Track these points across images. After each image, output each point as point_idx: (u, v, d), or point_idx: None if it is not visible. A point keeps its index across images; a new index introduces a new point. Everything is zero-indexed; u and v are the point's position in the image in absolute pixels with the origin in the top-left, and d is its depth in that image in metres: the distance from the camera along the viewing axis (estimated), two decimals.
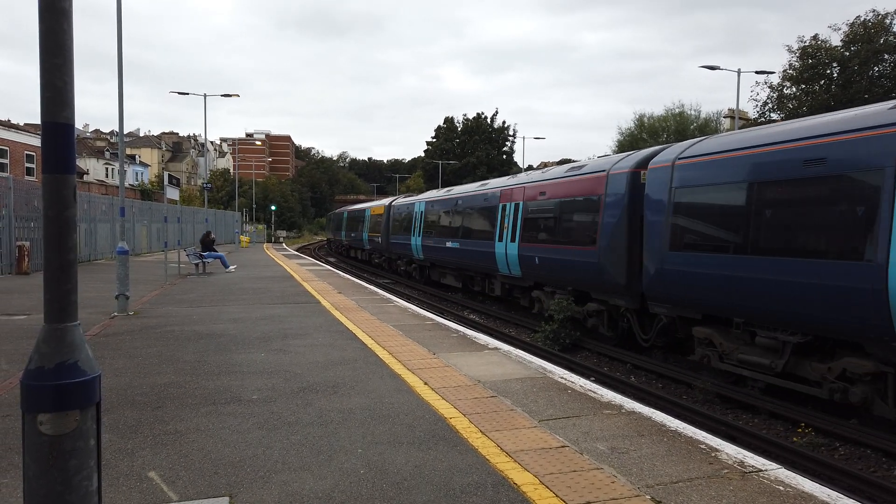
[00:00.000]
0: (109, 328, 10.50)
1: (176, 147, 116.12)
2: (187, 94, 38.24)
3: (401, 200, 32.62)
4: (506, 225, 17.97)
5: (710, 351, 10.61)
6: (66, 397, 2.22)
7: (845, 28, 36.92)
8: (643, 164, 12.36)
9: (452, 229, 22.80)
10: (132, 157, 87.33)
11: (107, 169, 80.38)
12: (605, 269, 12.93)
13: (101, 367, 7.82)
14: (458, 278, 23.50)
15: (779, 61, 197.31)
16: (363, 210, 41.35)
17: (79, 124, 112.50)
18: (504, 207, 18.38)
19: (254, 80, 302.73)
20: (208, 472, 4.39)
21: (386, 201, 35.58)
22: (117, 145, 14.58)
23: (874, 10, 36.23)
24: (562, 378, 7.33)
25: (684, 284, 10.64)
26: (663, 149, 12.35)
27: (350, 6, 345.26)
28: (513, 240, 17.35)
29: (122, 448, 4.85)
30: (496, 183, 20.73)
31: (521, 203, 17.26)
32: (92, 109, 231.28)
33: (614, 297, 13.07)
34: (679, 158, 11.15)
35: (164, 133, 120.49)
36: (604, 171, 13.44)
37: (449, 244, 22.93)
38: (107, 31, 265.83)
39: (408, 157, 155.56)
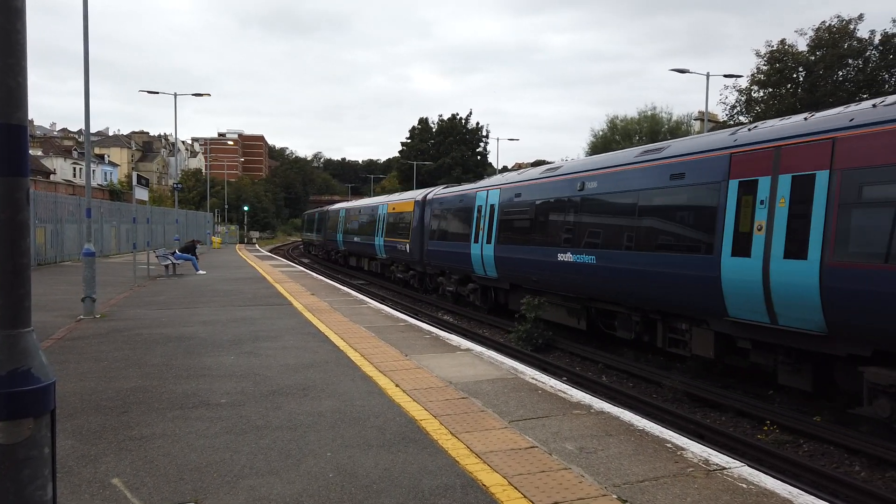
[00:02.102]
0: (75, 331, 10.30)
1: (146, 147, 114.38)
2: (157, 92, 37.60)
3: (444, 191, 22.72)
4: (756, 223, 9.09)
5: None
6: (19, 405, 2.17)
7: (811, 33, 37.79)
8: None
9: (572, 232, 13.46)
10: (101, 157, 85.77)
11: (74, 169, 78.82)
12: None
13: (65, 371, 7.68)
14: (579, 314, 14.07)
15: (740, 63, 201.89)
16: (374, 206, 30.87)
17: (45, 123, 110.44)
18: (746, 188, 9.36)
19: (221, 79, 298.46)
20: (173, 478, 4.32)
21: (416, 194, 25.98)
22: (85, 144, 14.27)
23: (839, 16, 37.15)
24: (533, 379, 7.38)
25: None
26: None
27: (314, 5, 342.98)
28: (799, 254, 8.40)
29: (85, 454, 4.75)
30: (705, 142, 10.61)
31: (825, 173, 8.20)
32: (54, 108, 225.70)
33: None
34: None
35: (134, 132, 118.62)
36: None
37: (565, 257, 13.47)
38: (65, 27, 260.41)
39: (382, 158, 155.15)
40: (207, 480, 4.29)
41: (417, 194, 25.50)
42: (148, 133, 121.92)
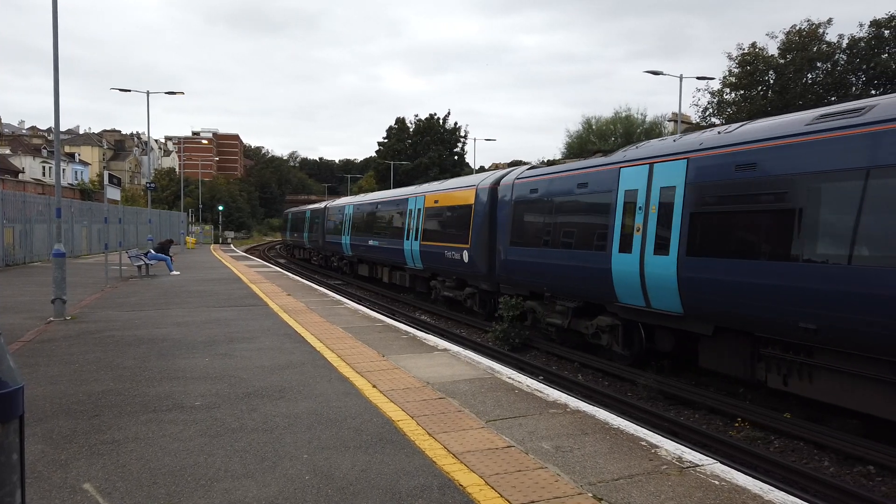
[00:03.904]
0: (45, 334, 10.10)
1: (118, 145, 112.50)
2: (129, 90, 37.01)
3: (538, 173, 14.76)
4: None
5: None
6: None
7: (782, 36, 38.49)
8: None
9: None
10: (71, 156, 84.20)
11: (44, 167, 77.33)
12: None
13: (35, 374, 7.53)
14: None
15: (707, 65, 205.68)
16: (401, 200, 23.55)
17: (13, 121, 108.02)
18: None
19: (189, 76, 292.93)
20: (147, 482, 4.26)
21: (478, 179, 18.20)
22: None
23: (808, 20, 37.90)
24: (509, 378, 7.41)
25: None
26: None
27: (282, 3, 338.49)
28: None
29: (55, 459, 4.67)
30: None
31: None
32: (15, 103, 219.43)
33: None
34: None
35: (105, 131, 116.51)
36: None
37: None
38: (25, 21, 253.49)
39: (358, 157, 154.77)
40: (181, 484, 4.24)
41: (482, 179, 17.76)
42: (120, 132, 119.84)
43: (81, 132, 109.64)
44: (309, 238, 40.78)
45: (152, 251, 24.38)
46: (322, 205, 38.63)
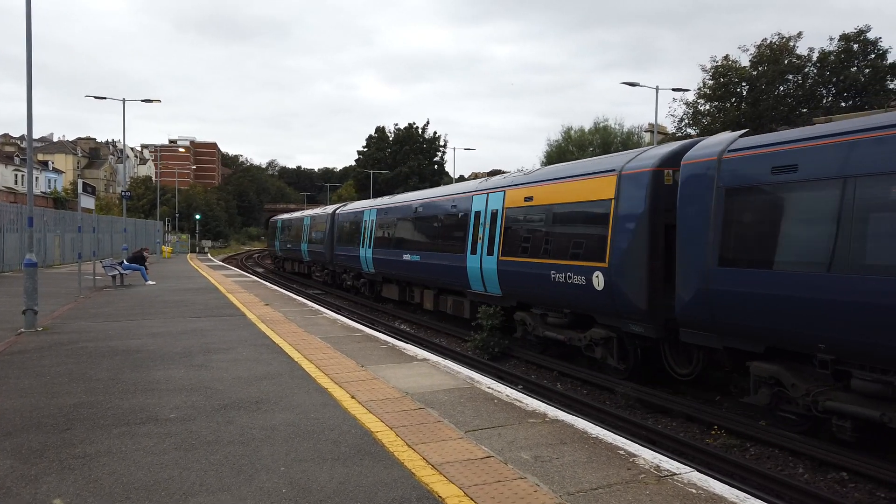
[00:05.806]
0: (15, 345, 9.89)
1: (93, 153, 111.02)
2: (104, 98, 36.56)
3: (773, 139, 8.41)
4: None
5: None
6: None
7: (753, 49, 39.25)
8: None
9: None
10: (44, 164, 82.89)
11: (16, 175, 76.11)
12: None
13: (4, 387, 7.41)
14: None
15: (676, 76, 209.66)
16: (455, 200, 17.58)
17: None
18: None
19: (161, 84, 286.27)
20: (119, 498, 4.18)
21: (622, 162, 11.22)
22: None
23: (779, 34, 38.71)
24: (489, 388, 7.41)
25: None
26: None
27: (252, 10, 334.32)
28: None
29: (25, 474, 4.56)
30: None
31: None
32: None
33: None
34: None
35: (79, 139, 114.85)
36: None
37: None
38: None
39: (335, 166, 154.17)
40: (155, 499, 4.17)
41: (628, 159, 11.21)
42: (95, 139, 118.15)
43: (55, 140, 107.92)
44: (309, 250, 34.14)
45: (125, 261, 24.04)
46: (330, 209, 32.09)
